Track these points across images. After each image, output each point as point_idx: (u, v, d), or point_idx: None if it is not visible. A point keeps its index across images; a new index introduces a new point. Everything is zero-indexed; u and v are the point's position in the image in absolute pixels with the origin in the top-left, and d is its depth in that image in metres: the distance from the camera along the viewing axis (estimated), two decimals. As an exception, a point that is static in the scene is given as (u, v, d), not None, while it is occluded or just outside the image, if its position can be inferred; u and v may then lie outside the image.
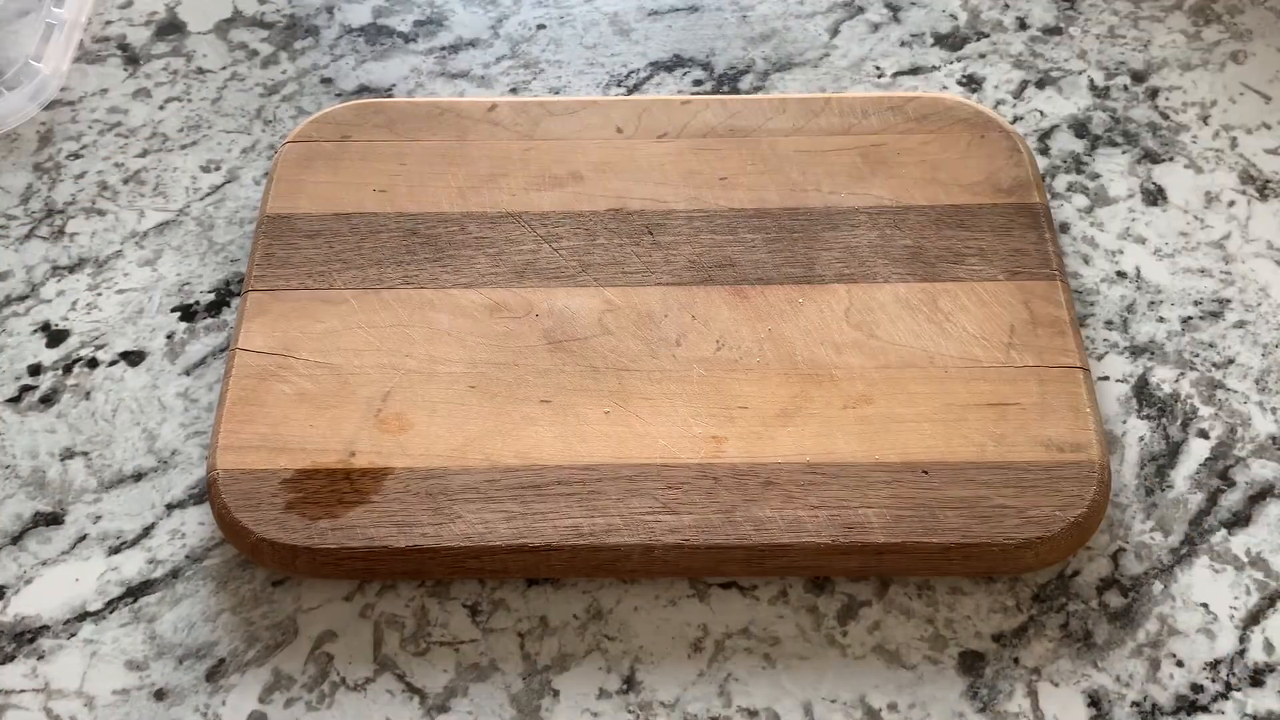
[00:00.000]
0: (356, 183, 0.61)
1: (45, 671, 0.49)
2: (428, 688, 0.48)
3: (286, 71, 0.69)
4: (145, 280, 0.60)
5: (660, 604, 0.50)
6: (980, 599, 0.50)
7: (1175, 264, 0.60)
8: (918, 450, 0.51)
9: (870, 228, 0.59)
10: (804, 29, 0.71)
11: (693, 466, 0.51)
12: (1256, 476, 0.53)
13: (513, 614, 0.50)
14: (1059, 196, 0.63)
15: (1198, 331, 0.58)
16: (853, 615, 0.50)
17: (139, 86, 0.69)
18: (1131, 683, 0.48)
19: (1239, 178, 0.63)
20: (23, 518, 0.53)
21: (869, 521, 0.49)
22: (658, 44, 0.70)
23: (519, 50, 0.70)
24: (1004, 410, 0.52)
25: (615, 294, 0.57)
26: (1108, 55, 0.69)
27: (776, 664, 0.49)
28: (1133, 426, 0.55)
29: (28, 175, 0.65)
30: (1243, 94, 0.67)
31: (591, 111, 0.63)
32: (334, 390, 0.54)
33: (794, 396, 0.53)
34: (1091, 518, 0.50)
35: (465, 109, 0.64)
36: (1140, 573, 0.51)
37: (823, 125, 0.62)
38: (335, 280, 0.57)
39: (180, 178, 0.65)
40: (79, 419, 0.56)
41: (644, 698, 0.48)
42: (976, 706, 0.48)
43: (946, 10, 0.71)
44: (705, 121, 0.63)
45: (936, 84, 0.68)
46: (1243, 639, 0.49)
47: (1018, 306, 0.56)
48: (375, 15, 0.72)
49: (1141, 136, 0.65)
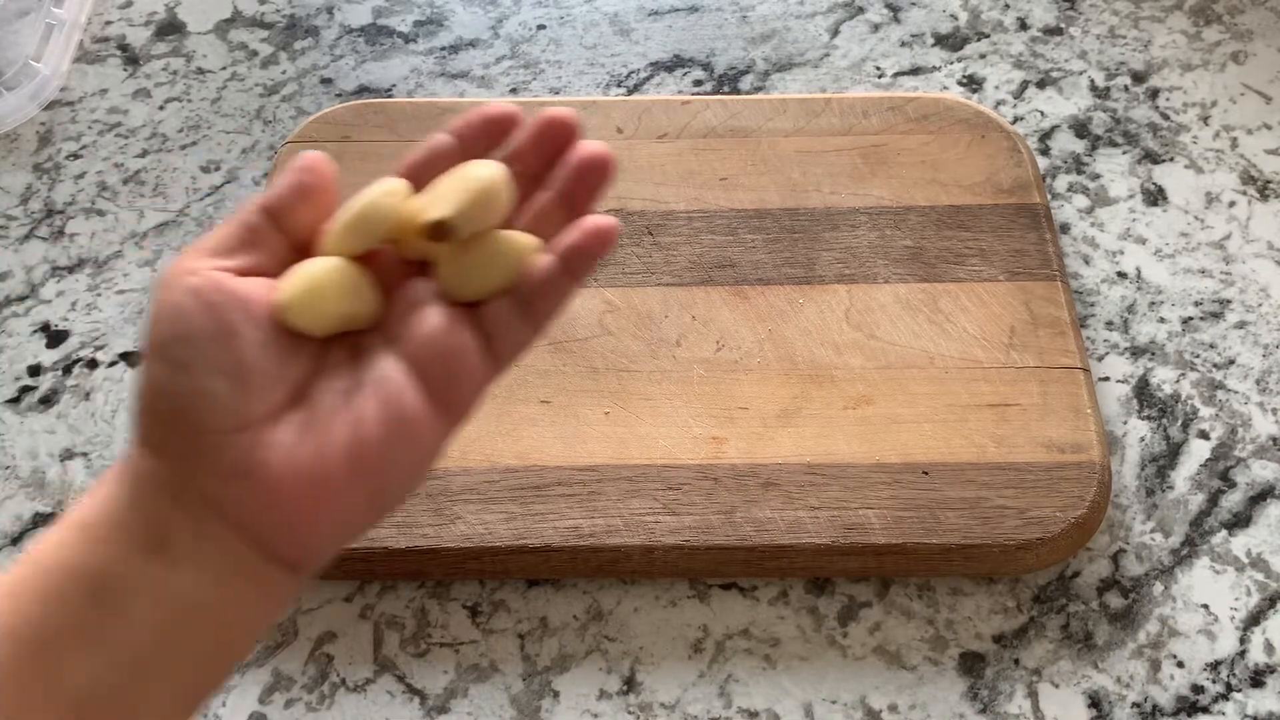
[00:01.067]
0: (357, 183, 0.61)
1: (45, 672, 0.49)
2: (428, 688, 0.48)
3: (286, 72, 0.69)
4: (145, 280, 0.60)
5: (660, 605, 0.50)
6: (981, 600, 0.50)
7: (1176, 264, 0.60)
8: (918, 451, 0.51)
9: (870, 228, 0.58)
10: (804, 29, 0.71)
11: (693, 467, 0.51)
12: (1257, 477, 0.53)
13: (513, 615, 0.50)
14: (1059, 197, 0.63)
15: (1198, 332, 0.58)
16: (853, 616, 0.50)
17: (139, 87, 0.69)
18: (1132, 684, 0.48)
19: (1239, 178, 0.63)
20: (22, 518, 0.53)
21: (869, 522, 0.49)
22: (658, 44, 0.70)
23: (519, 50, 0.70)
24: (1004, 411, 0.52)
25: (615, 294, 0.57)
26: (1108, 55, 0.69)
27: (777, 665, 0.49)
28: (1133, 427, 0.55)
29: (27, 175, 0.65)
30: (1243, 94, 0.67)
31: (591, 112, 0.63)
32: (334, 391, 0.53)
33: (794, 397, 0.53)
34: (1092, 518, 0.50)
35: (465, 109, 0.63)
36: (1141, 574, 0.51)
37: (823, 125, 0.62)
38: (335, 281, 0.57)
39: (180, 178, 0.65)
40: (79, 419, 0.56)
41: (644, 698, 0.48)
42: (977, 707, 0.48)
43: (947, 10, 0.71)
44: (705, 122, 0.63)
45: (937, 84, 0.68)
46: (1243, 640, 0.49)
47: (1018, 307, 0.56)
48: (375, 15, 0.72)
49: (1142, 137, 0.65)
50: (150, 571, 0.36)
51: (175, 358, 0.36)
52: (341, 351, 0.39)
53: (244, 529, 0.37)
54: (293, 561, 0.37)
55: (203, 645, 0.37)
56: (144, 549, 0.36)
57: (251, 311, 0.37)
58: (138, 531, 0.36)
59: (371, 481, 0.37)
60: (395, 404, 0.37)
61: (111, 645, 0.35)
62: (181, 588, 0.36)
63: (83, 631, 0.35)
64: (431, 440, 0.38)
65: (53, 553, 0.36)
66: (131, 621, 0.35)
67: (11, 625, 0.34)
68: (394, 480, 0.38)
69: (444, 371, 0.38)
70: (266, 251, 0.39)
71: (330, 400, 0.37)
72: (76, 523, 0.37)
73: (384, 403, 0.37)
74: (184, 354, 0.36)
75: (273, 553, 0.37)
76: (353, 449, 0.36)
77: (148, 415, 0.37)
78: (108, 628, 0.35)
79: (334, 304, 0.38)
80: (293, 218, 0.39)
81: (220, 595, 0.36)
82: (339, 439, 0.36)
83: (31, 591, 0.35)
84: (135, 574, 0.36)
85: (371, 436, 0.37)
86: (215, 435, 0.36)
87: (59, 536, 0.36)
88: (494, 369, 0.39)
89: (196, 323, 0.36)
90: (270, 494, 0.36)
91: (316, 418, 0.37)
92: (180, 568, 0.36)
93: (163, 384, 0.36)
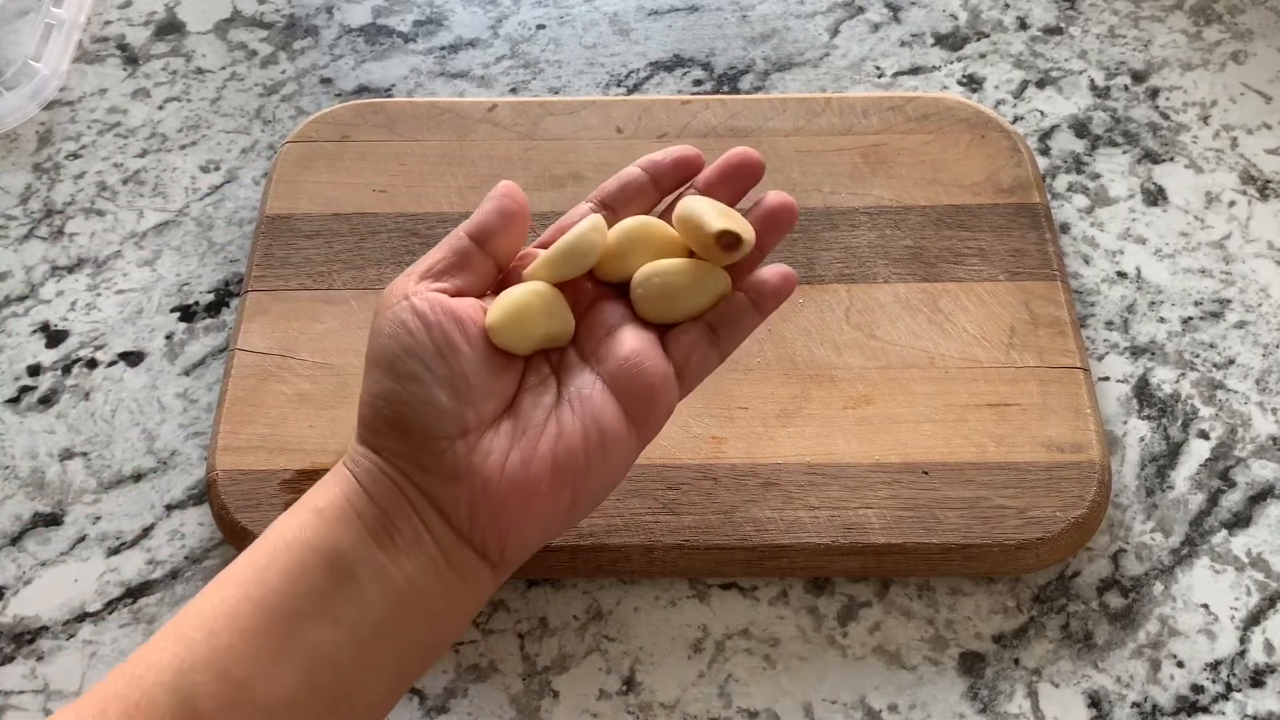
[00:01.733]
0: (356, 183, 0.61)
1: (44, 673, 0.49)
2: (427, 688, 0.48)
3: (286, 71, 0.69)
4: (144, 280, 0.60)
5: (660, 605, 0.50)
6: (980, 600, 0.50)
7: (1176, 264, 0.60)
8: (918, 451, 0.51)
9: (870, 228, 0.58)
10: (804, 29, 0.71)
11: (692, 467, 0.51)
12: (1257, 477, 0.53)
13: (512, 614, 0.50)
14: (1059, 197, 0.63)
15: (1198, 332, 0.58)
16: (853, 616, 0.50)
17: (138, 86, 0.69)
18: (1132, 683, 0.48)
19: (1239, 178, 0.63)
20: (22, 518, 0.53)
21: (869, 522, 0.49)
22: (658, 44, 0.70)
23: (519, 50, 0.70)
24: (1004, 411, 0.52)
25: (615, 294, 0.57)
26: (1108, 55, 0.69)
27: (776, 665, 0.49)
28: (1133, 427, 0.55)
29: (27, 175, 0.65)
30: (1243, 94, 0.67)
31: (591, 111, 0.63)
32: (333, 390, 0.54)
33: (794, 397, 0.53)
34: (1092, 518, 0.50)
35: (465, 109, 0.64)
36: (1141, 573, 0.51)
37: (823, 125, 0.62)
38: (335, 280, 0.57)
39: (180, 178, 0.65)
40: (78, 419, 0.56)
41: (644, 699, 0.48)
42: (977, 707, 0.48)
43: (947, 10, 0.71)
44: (705, 122, 0.63)
45: (937, 84, 0.68)
46: (1243, 640, 0.49)
47: (1018, 307, 0.56)
48: (375, 15, 0.72)
49: (1142, 136, 0.65)
50: (379, 557, 0.40)
51: (403, 371, 0.41)
52: (544, 367, 0.44)
53: (457, 526, 0.41)
54: (496, 558, 0.42)
55: (417, 630, 0.41)
56: (374, 536, 0.40)
57: (467, 330, 0.42)
58: (369, 521, 0.40)
59: (571, 488, 0.42)
60: (595, 419, 0.42)
61: (346, 620, 0.39)
62: (404, 574, 0.40)
63: (322, 605, 0.39)
64: (625, 453, 0.43)
65: (295, 532, 0.40)
66: (363, 600, 0.39)
67: (261, 595, 0.39)
68: (591, 487, 0.42)
69: (640, 391, 0.42)
70: (473, 273, 0.44)
71: (536, 413, 0.42)
72: (312, 507, 0.41)
73: (585, 418, 0.42)
74: (411, 368, 0.41)
75: (480, 549, 0.41)
76: (556, 458, 0.41)
77: (375, 420, 0.42)
78: (344, 603, 0.39)
79: (536, 326, 0.43)
80: (495, 241, 0.44)
81: (435, 584, 0.41)
82: (544, 449, 0.41)
83: (277, 565, 0.39)
84: (367, 557, 0.40)
85: (574, 448, 0.41)
86: (437, 440, 0.41)
87: (299, 519, 0.41)
88: (682, 390, 0.44)
89: (421, 339, 0.41)
90: (482, 495, 0.41)
91: (524, 428, 0.42)
92: (404, 556, 0.40)
93: (391, 394, 0.41)
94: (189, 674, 0.37)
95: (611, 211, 0.46)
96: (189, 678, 0.37)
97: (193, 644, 0.38)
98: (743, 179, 0.46)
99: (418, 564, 0.40)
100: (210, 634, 0.38)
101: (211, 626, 0.38)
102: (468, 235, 0.44)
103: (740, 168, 0.46)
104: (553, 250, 0.43)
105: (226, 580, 0.40)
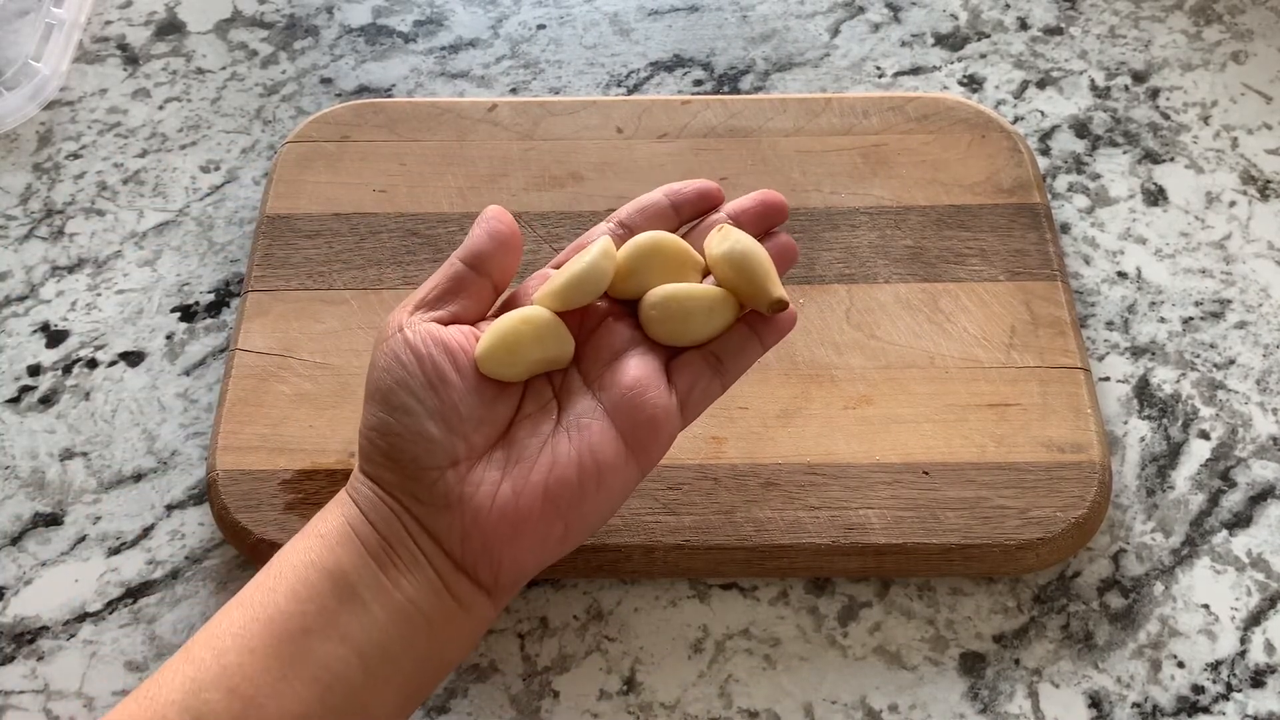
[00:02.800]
0: (356, 183, 0.61)
1: (45, 672, 0.49)
2: (428, 689, 0.48)
3: (286, 71, 0.69)
4: (145, 280, 0.60)
5: (660, 605, 0.50)
6: (981, 600, 0.50)
7: (1176, 264, 0.60)
8: (918, 451, 0.51)
9: (870, 228, 0.58)
10: (804, 29, 0.71)
11: (693, 467, 0.51)
12: (1257, 477, 0.53)
13: (512, 615, 0.50)
14: (1060, 197, 0.63)
15: (1198, 332, 0.58)
16: (853, 616, 0.50)
17: (138, 86, 0.69)
18: (1132, 684, 0.48)
19: (1240, 178, 0.63)
20: (22, 518, 0.53)
21: (869, 522, 0.49)
22: (658, 44, 0.70)
23: (519, 50, 0.70)
24: (1005, 411, 0.52)
25: (615, 294, 0.57)
26: (1108, 55, 0.69)
27: (777, 665, 0.49)
28: (1134, 427, 0.55)
29: (27, 175, 0.65)
30: (1243, 94, 0.67)
31: (591, 111, 0.63)
32: (334, 390, 0.54)
33: (794, 397, 0.53)
34: (1092, 518, 0.50)
35: (465, 109, 0.64)
36: (1141, 574, 0.51)
37: (823, 125, 0.62)
38: (335, 280, 0.57)
39: (180, 178, 0.65)
40: (79, 419, 0.56)
41: (644, 699, 0.48)
42: (977, 708, 0.48)
43: (947, 10, 0.71)
44: (705, 122, 0.63)
45: (937, 84, 0.68)
46: (1244, 640, 0.49)
47: (1018, 307, 0.55)
48: (375, 15, 0.72)
49: (1142, 137, 0.65)
50: (381, 578, 0.41)
51: (396, 404, 0.42)
52: (546, 391, 0.44)
53: (451, 553, 0.42)
54: (490, 585, 0.42)
55: (421, 650, 0.41)
56: (375, 559, 0.41)
57: (458, 361, 0.42)
58: (370, 545, 0.41)
59: (564, 518, 0.42)
60: (592, 450, 0.42)
61: (352, 638, 0.40)
62: (405, 595, 0.41)
63: (329, 622, 0.40)
64: (623, 483, 0.43)
65: (301, 555, 0.41)
66: (368, 619, 0.40)
67: (268, 615, 0.40)
68: (586, 517, 0.43)
69: (642, 422, 0.42)
70: (470, 297, 0.44)
71: (532, 442, 0.42)
72: (316, 533, 0.42)
73: (581, 448, 0.42)
74: (403, 400, 0.42)
75: (474, 576, 0.42)
76: (549, 489, 0.41)
77: (372, 452, 0.42)
78: (349, 621, 0.40)
79: (528, 353, 0.43)
80: (489, 264, 0.44)
81: (436, 607, 0.41)
82: (537, 479, 0.41)
83: (284, 587, 0.40)
84: (369, 577, 0.41)
85: (568, 478, 0.42)
86: (428, 471, 0.41)
87: (304, 544, 0.42)
88: (684, 421, 0.44)
89: (413, 371, 0.42)
90: (472, 525, 0.41)
91: (518, 457, 0.42)
92: (404, 579, 0.41)
93: (384, 427, 0.42)
94: (200, 693, 0.38)
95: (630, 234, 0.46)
96: (200, 696, 0.38)
97: (202, 664, 0.39)
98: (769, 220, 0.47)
99: (418, 587, 0.41)
100: (219, 654, 0.39)
101: (221, 647, 0.39)
102: (461, 261, 0.44)
103: (774, 207, 0.46)
104: (562, 278, 0.43)
105: (234, 604, 0.41)
